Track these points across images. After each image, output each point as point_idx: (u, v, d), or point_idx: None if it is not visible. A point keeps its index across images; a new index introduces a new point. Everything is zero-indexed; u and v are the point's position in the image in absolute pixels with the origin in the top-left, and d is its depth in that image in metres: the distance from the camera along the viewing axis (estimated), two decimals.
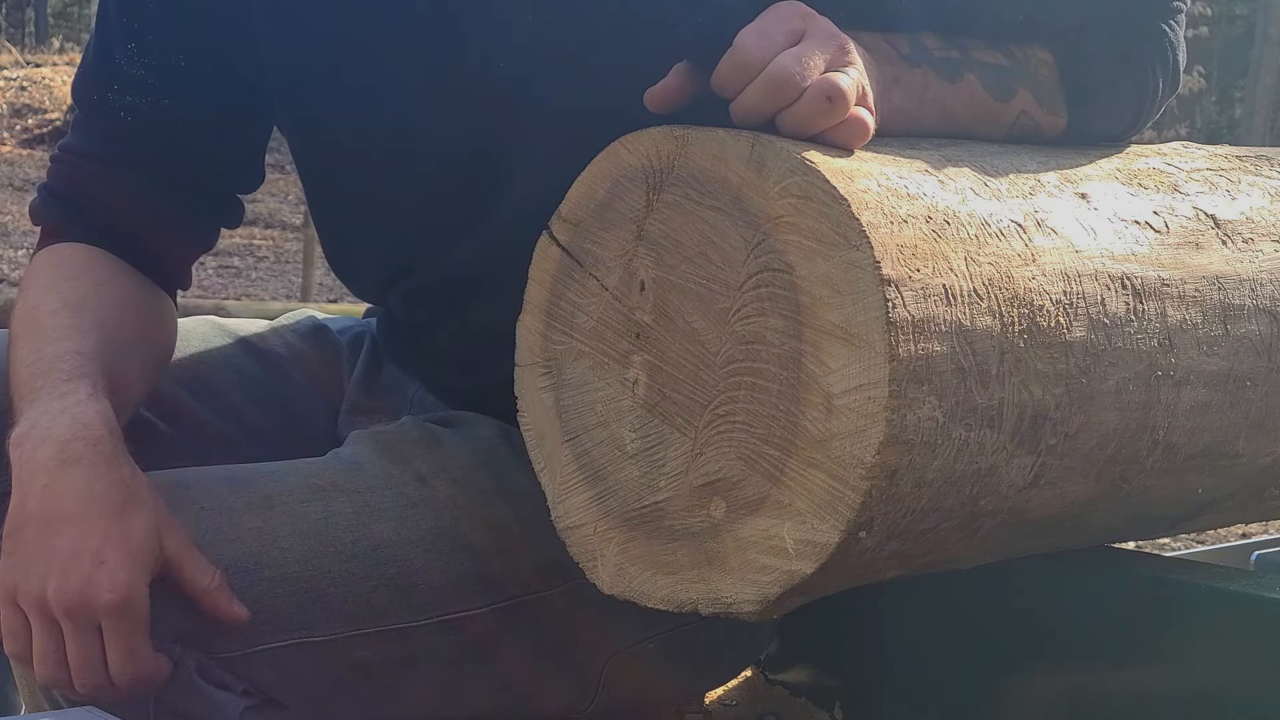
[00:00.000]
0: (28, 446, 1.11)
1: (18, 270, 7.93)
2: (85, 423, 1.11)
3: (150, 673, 1.09)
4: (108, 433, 1.12)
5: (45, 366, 1.16)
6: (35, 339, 1.20)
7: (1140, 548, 2.15)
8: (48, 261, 1.30)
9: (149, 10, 1.28)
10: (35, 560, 1.07)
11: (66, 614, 1.06)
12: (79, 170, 1.33)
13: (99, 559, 1.06)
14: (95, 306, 1.25)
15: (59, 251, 1.30)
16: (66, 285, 1.26)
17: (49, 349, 1.18)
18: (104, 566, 1.06)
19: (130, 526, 1.08)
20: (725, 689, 1.62)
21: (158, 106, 1.29)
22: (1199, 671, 1.23)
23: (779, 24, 1.02)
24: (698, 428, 1.02)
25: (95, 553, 1.06)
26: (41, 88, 13.29)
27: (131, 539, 1.08)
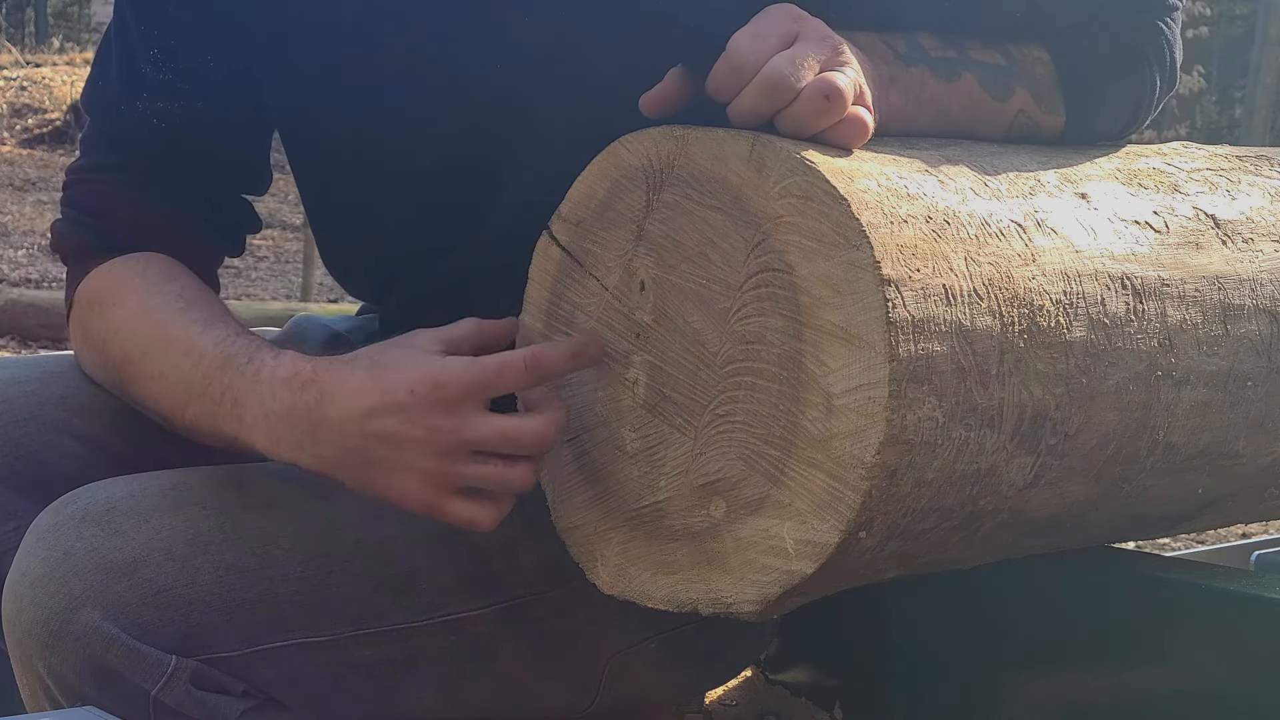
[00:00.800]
0: (272, 419, 1.10)
1: (18, 270, 7.94)
2: (292, 369, 1.11)
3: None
4: (311, 360, 1.11)
5: (218, 361, 1.15)
6: (181, 342, 1.18)
7: (1140, 548, 2.15)
8: (122, 274, 1.26)
9: (170, 15, 1.27)
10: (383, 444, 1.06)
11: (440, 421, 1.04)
12: (101, 186, 1.31)
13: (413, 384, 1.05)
14: (211, 299, 1.25)
15: (126, 263, 1.27)
16: (172, 286, 1.24)
17: (205, 343, 1.16)
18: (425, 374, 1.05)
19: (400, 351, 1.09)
20: (725, 689, 1.62)
21: (189, 109, 1.28)
22: (1199, 671, 1.23)
23: (772, 26, 1.02)
24: (698, 428, 1.02)
25: (398, 395, 1.05)
26: (41, 88, 13.29)
27: (415, 348, 1.08)
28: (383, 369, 1.07)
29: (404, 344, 1.10)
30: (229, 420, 1.13)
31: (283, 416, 1.10)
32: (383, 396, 1.06)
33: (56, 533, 1.13)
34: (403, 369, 1.06)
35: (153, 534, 1.13)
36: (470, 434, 1.05)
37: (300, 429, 1.09)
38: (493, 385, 1.06)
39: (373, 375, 1.07)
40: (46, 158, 11.57)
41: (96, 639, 1.10)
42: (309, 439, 1.09)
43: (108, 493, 1.16)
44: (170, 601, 1.12)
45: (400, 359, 1.08)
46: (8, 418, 1.26)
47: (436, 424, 1.04)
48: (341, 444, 1.08)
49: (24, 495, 1.23)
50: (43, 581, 1.11)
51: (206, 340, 1.17)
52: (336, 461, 1.09)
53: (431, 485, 1.07)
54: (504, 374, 1.06)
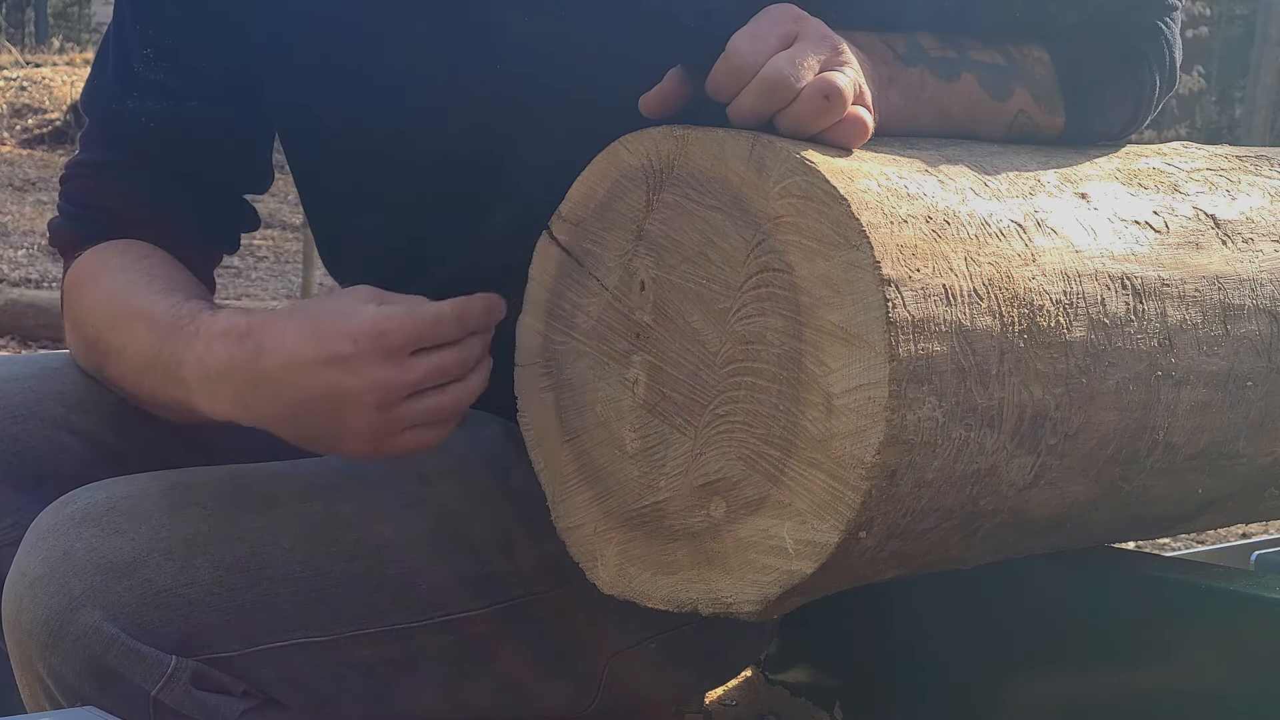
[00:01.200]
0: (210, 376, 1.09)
1: (18, 270, 7.93)
2: (228, 323, 1.10)
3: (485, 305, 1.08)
4: (247, 314, 1.11)
5: (167, 327, 1.15)
6: (141, 313, 1.18)
7: (1140, 548, 2.15)
8: (101, 257, 1.27)
9: (166, 15, 1.28)
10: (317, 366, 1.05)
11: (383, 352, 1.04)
12: (96, 181, 1.32)
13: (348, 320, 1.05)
14: (182, 274, 1.25)
15: (108, 246, 1.28)
16: (144, 264, 1.24)
17: (159, 309, 1.16)
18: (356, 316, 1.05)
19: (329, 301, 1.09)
20: (725, 689, 1.62)
21: (181, 109, 1.29)
22: (1199, 671, 1.23)
23: (772, 27, 1.02)
24: (698, 428, 1.02)
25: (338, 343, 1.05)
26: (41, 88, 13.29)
27: (353, 299, 1.08)
28: (321, 319, 1.06)
29: (340, 296, 1.10)
30: (176, 385, 1.13)
31: (220, 372, 1.09)
32: (323, 348, 1.05)
33: (56, 533, 1.13)
34: (343, 319, 1.06)
35: (152, 534, 1.13)
36: (411, 377, 1.05)
37: (238, 384, 1.08)
38: (431, 333, 1.05)
39: (311, 325, 1.06)
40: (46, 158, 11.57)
41: (96, 639, 1.10)
42: (248, 393, 1.08)
43: (107, 493, 1.16)
44: (170, 601, 1.12)
45: (338, 309, 1.07)
46: (6, 414, 1.26)
47: (379, 375, 1.04)
48: (281, 398, 1.07)
49: (22, 492, 1.23)
50: (42, 581, 1.11)
51: (161, 307, 1.17)
52: (275, 416, 1.08)
53: (378, 433, 1.06)
54: (440, 322, 1.06)
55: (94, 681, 1.10)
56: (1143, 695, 1.27)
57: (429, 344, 1.06)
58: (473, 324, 1.08)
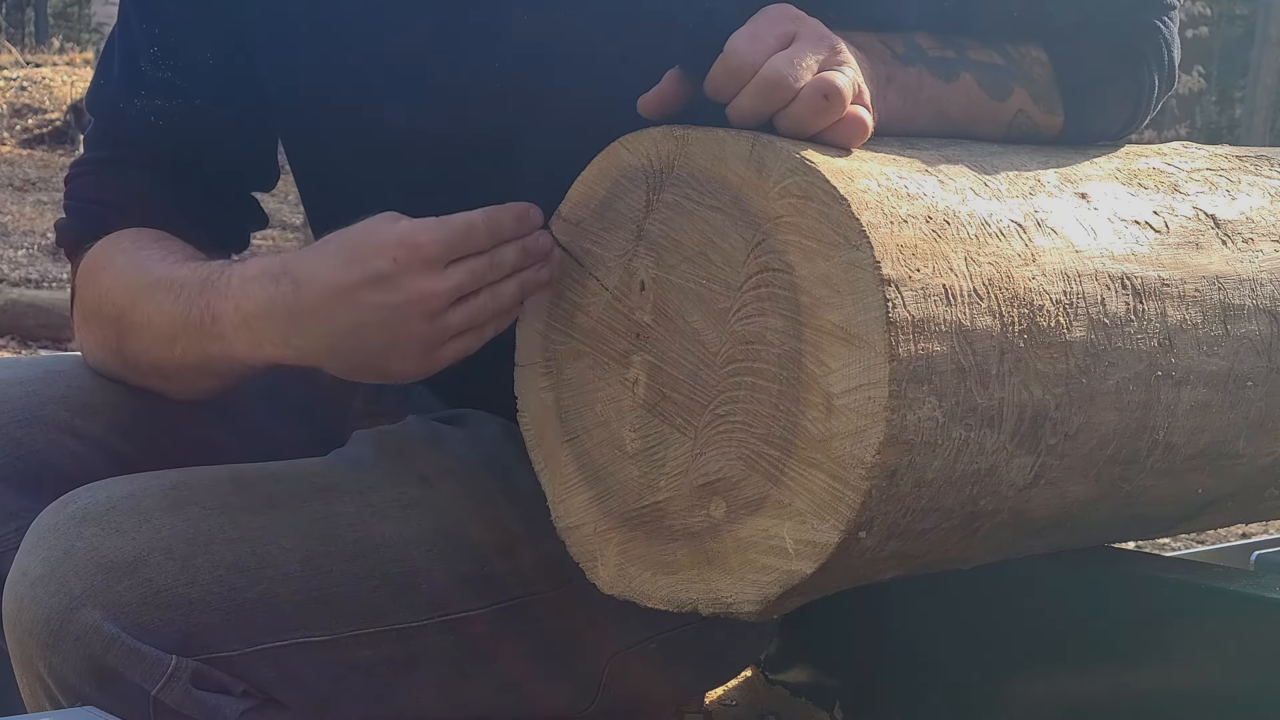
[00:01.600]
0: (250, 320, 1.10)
1: (18, 270, 7.93)
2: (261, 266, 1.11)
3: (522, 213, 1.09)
4: (279, 255, 1.11)
5: (195, 287, 1.14)
6: (162, 282, 1.18)
7: (1140, 548, 2.15)
8: (112, 243, 1.27)
9: (170, 12, 1.28)
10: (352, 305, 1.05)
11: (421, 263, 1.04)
12: (102, 177, 1.32)
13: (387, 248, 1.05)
14: (196, 250, 1.25)
15: (117, 235, 1.28)
16: (159, 245, 1.24)
17: (182, 274, 1.16)
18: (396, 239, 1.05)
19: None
20: (725, 689, 1.62)
21: (187, 107, 1.29)
22: (1199, 671, 1.23)
23: (770, 27, 1.02)
24: (698, 428, 1.02)
25: (375, 262, 1.05)
26: (41, 88, 13.28)
27: (379, 220, 1.08)
28: (355, 243, 1.07)
29: (368, 220, 1.09)
30: (213, 340, 1.13)
31: (260, 315, 1.09)
32: (363, 269, 1.05)
33: (57, 532, 1.13)
34: (377, 237, 1.06)
35: (153, 533, 1.13)
36: (451, 283, 1.05)
37: (281, 323, 1.08)
38: (463, 243, 1.06)
39: (346, 251, 1.07)
40: (46, 158, 11.56)
41: (97, 639, 1.10)
42: (292, 331, 1.08)
43: (108, 492, 1.16)
44: (170, 601, 1.12)
45: (369, 230, 1.07)
46: (9, 417, 1.26)
47: (422, 285, 1.04)
48: (326, 328, 1.07)
49: (25, 495, 1.23)
50: (43, 581, 1.11)
51: (184, 272, 1.17)
52: (323, 348, 1.08)
53: (426, 346, 1.07)
54: (472, 232, 1.06)
55: (94, 681, 1.10)
56: (1143, 695, 1.27)
57: (463, 253, 1.06)
58: (504, 232, 1.08)
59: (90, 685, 1.11)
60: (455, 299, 1.06)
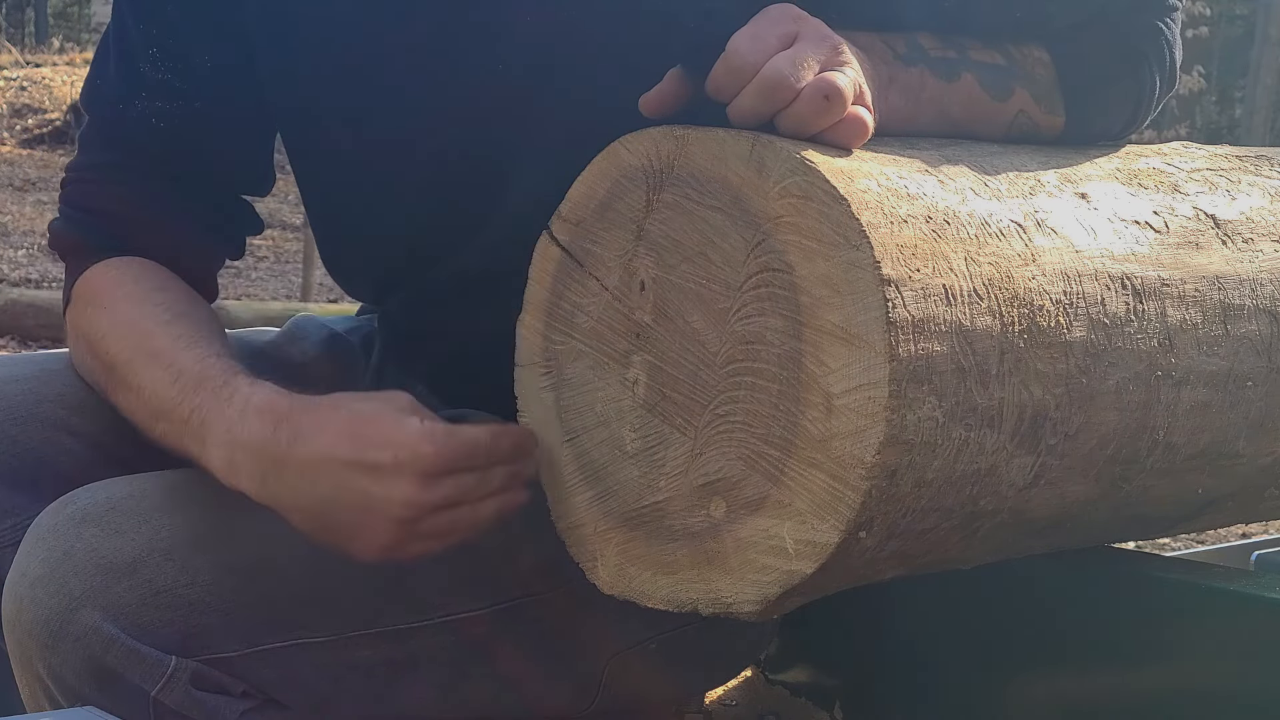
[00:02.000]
0: (236, 446, 1.09)
1: (18, 270, 7.93)
2: (267, 401, 1.10)
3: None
4: (288, 396, 1.11)
5: (193, 380, 1.14)
6: (162, 357, 1.18)
7: (1140, 548, 2.15)
8: (116, 278, 1.26)
9: (168, 14, 1.27)
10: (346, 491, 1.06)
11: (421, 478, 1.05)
12: (97, 185, 1.31)
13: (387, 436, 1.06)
14: (204, 317, 1.24)
15: (122, 266, 1.27)
16: (163, 296, 1.24)
17: (186, 360, 1.16)
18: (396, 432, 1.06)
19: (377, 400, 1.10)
20: (725, 689, 1.62)
21: (187, 109, 1.29)
22: (1199, 671, 1.23)
23: (771, 27, 1.02)
24: (698, 428, 1.02)
25: (378, 453, 1.05)
26: (41, 88, 13.29)
27: (395, 408, 1.08)
28: (364, 423, 1.07)
29: (383, 400, 1.10)
30: (193, 441, 1.13)
31: (249, 447, 1.09)
32: (360, 453, 1.05)
33: (56, 533, 1.13)
34: (385, 428, 1.06)
35: (153, 534, 1.13)
36: (436, 496, 1.06)
37: (265, 464, 1.08)
38: (464, 460, 1.07)
39: (352, 427, 1.07)
40: (46, 158, 11.57)
41: (96, 639, 1.10)
42: (271, 474, 1.08)
43: (108, 493, 1.16)
44: (170, 602, 1.12)
45: (381, 416, 1.07)
46: (5, 415, 1.26)
47: (407, 491, 1.05)
48: (304, 489, 1.07)
49: (21, 493, 1.23)
50: (43, 582, 1.11)
51: (188, 358, 1.16)
52: (293, 504, 1.08)
53: (392, 542, 1.07)
54: (475, 452, 1.07)
55: (94, 682, 1.11)
56: (1142, 695, 1.27)
57: (459, 469, 1.07)
58: (502, 456, 1.09)
59: (90, 686, 1.11)
60: (436, 509, 1.06)
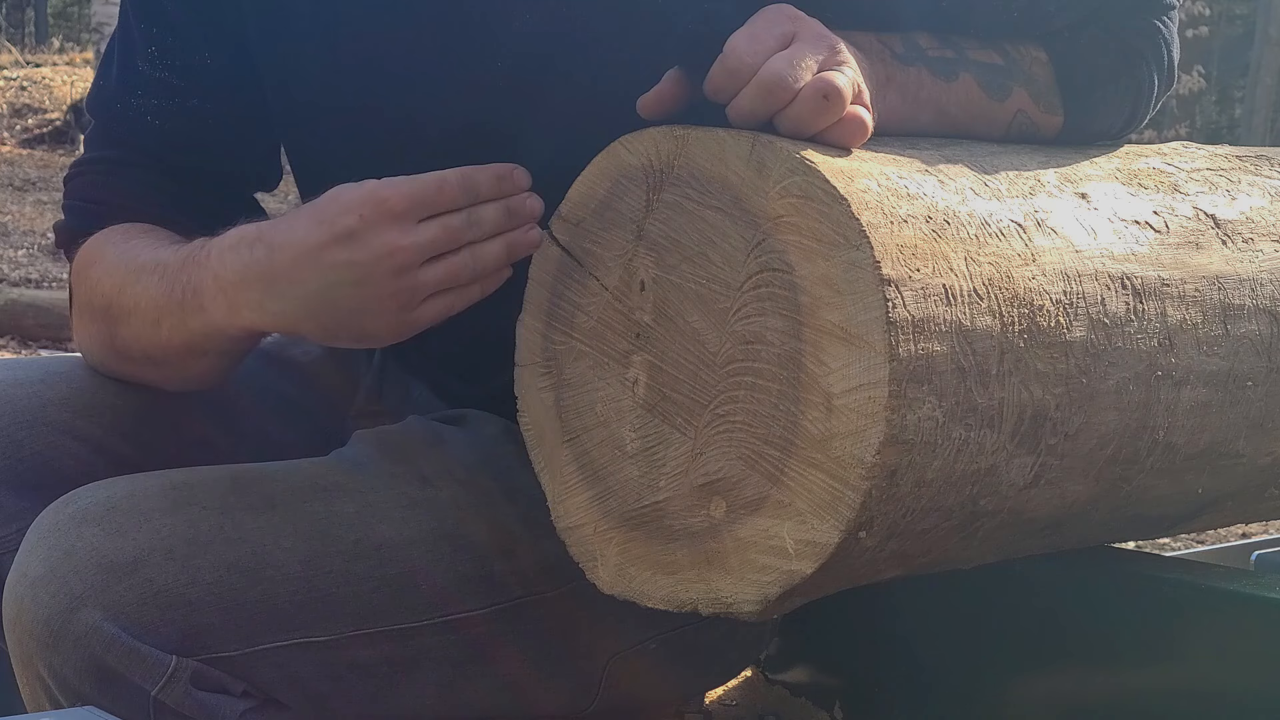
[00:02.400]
0: (227, 287, 1.10)
1: (18, 270, 7.93)
2: (235, 235, 1.11)
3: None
4: (255, 224, 1.12)
5: (176, 266, 1.15)
6: (147, 267, 1.18)
7: (1140, 548, 2.15)
8: (104, 237, 1.27)
9: (168, 12, 1.28)
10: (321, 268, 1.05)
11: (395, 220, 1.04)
12: (101, 177, 1.32)
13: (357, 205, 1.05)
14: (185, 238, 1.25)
15: (112, 229, 1.28)
16: (149, 235, 1.25)
17: (166, 255, 1.17)
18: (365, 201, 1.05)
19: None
20: (725, 689, 1.62)
21: (185, 107, 1.29)
22: (1199, 671, 1.23)
23: (769, 27, 1.02)
24: (698, 428, 1.02)
25: (344, 220, 1.05)
26: (41, 88, 13.28)
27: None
28: (322, 203, 1.07)
29: (338, 186, 1.10)
30: (193, 313, 1.13)
31: (237, 281, 1.10)
32: (329, 228, 1.05)
33: (57, 532, 1.13)
34: (345, 196, 1.06)
35: (153, 534, 1.13)
36: (421, 238, 1.05)
37: (256, 287, 1.09)
38: (433, 199, 1.05)
39: (315, 213, 1.07)
40: (46, 158, 11.56)
41: (97, 639, 1.10)
42: (267, 295, 1.08)
43: (108, 492, 1.16)
44: (171, 601, 1.12)
45: (338, 192, 1.07)
46: (10, 419, 1.26)
47: (389, 240, 1.04)
48: (299, 292, 1.07)
49: (26, 497, 1.23)
50: (43, 581, 1.11)
51: (168, 253, 1.18)
52: (299, 312, 1.08)
53: (401, 304, 1.06)
54: (443, 188, 1.06)
55: (94, 681, 1.11)
56: (1143, 695, 1.27)
57: (434, 210, 1.06)
58: (481, 191, 1.07)
59: (90, 685, 1.11)
60: (429, 255, 1.05)
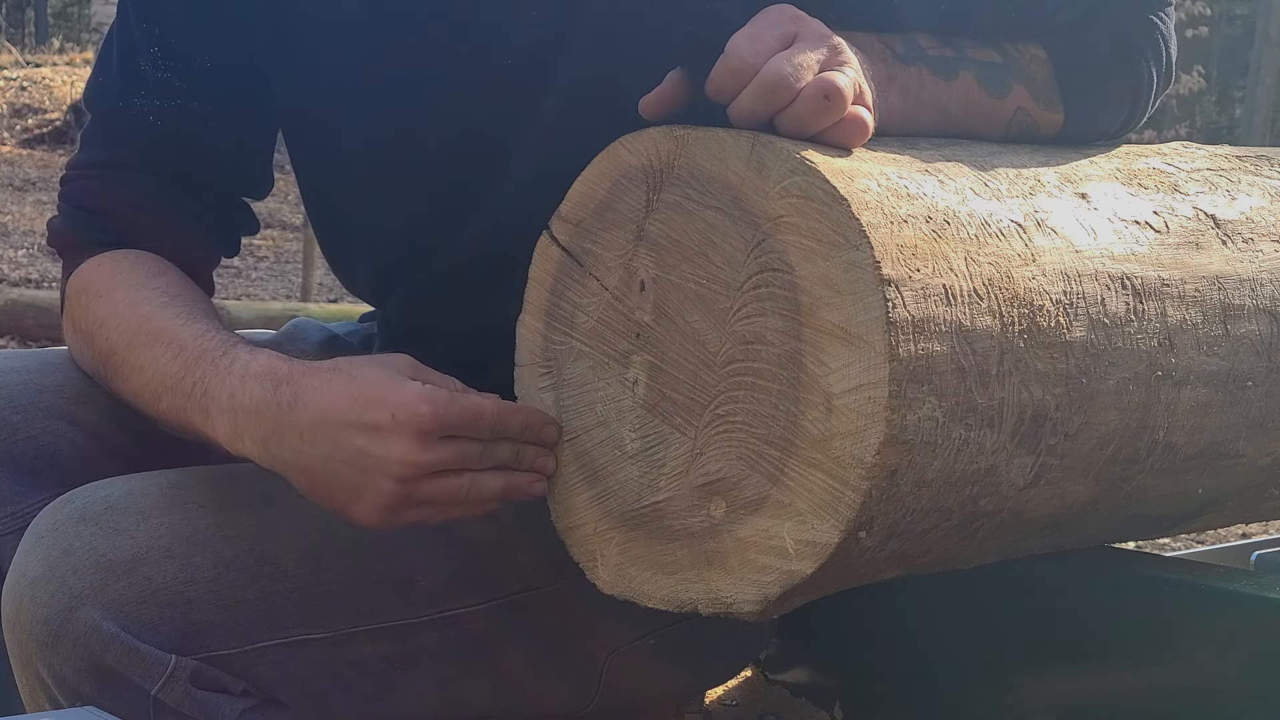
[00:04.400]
0: (239, 411, 1.10)
1: (18, 270, 7.93)
2: (268, 365, 1.11)
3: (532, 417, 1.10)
4: (288, 360, 1.12)
5: (193, 354, 1.15)
6: (162, 335, 1.18)
7: (1140, 548, 2.15)
8: (111, 268, 1.27)
9: (169, 13, 1.28)
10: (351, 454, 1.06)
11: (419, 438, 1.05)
12: (97, 183, 1.32)
13: (389, 394, 1.06)
14: (198, 296, 1.25)
15: (117, 257, 1.28)
16: (160, 282, 1.25)
17: (185, 336, 1.17)
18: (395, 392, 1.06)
19: (384, 368, 1.10)
20: (725, 689, 1.62)
21: (185, 109, 1.29)
22: (1199, 671, 1.23)
23: (770, 27, 1.02)
24: (698, 428, 1.02)
25: (378, 414, 1.06)
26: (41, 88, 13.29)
27: (395, 370, 1.09)
28: (363, 384, 1.07)
29: (383, 364, 1.11)
30: (196, 412, 1.13)
31: (250, 411, 1.10)
32: (360, 413, 1.06)
33: (55, 532, 1.13)
34: (385, 390, 1.07)
35: (151, 532, 1.13)
36: (435, 458, 1.06)
37: (267, 426, 1.09)
38: (465, 426, 1.07)
39: (352, 388, 1.07)
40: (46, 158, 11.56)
41: (96, 638, 1.10)
42: (273, 438, 1.09)
43: (106, 492, 1.16)
44: (170, 599, 1.12)
45: (381, 378, 1.08)
46: (6, 403, 1.26)
47: (405, 451, 1.05)
48: (305, 450, 1.08)
49: (21, 481, 1.24)
50: (42, 581, 1.11)
51: (187, 334, 1.17)
52: (295, 465, 1.09)
53: (389, 505, 1.07)
54: (479, 420, 1.07)
55: (94, 680, 1.11)
56: (1142, 695, 1.27)
57: (460, 434, 1.07)
58: (509, 431, 1.09)
59: (90, 685, 1.11)
60: (434, 471, 1.06)
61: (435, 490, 1.07)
